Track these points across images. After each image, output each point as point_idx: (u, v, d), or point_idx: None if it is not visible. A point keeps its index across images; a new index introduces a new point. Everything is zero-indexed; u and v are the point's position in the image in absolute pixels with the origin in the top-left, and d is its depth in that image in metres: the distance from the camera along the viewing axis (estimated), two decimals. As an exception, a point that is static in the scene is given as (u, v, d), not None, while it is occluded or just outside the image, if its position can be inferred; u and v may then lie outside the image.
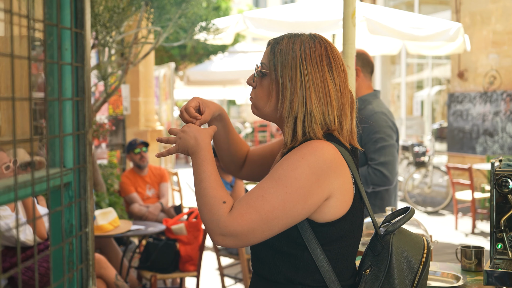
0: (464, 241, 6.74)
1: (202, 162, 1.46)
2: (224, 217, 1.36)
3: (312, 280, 1.45)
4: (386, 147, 3.11)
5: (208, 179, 1.43)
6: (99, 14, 4.06)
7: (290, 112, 1.47)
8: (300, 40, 1.50)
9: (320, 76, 1.47)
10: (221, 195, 1.40)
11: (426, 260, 1.50)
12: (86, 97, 1.06)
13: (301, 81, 1.46)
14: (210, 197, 1.40)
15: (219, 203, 1.38)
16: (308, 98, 1.45)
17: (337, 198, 1.44)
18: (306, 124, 1.46)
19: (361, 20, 5.33)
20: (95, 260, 3.86)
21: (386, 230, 1.51)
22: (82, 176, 1.07)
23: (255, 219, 1.36)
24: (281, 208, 1.37)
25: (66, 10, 1.01)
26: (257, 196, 1.38)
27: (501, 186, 2.13)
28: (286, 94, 1.47)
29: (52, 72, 1.00)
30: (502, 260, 2.14)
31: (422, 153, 9.04)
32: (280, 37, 1.54)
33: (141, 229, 4.36)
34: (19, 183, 0.85)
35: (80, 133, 1.06)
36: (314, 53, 1.48)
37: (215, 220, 1.37)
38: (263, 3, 27.08)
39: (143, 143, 5.48)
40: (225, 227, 1.36)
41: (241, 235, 1.36)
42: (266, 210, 1.37)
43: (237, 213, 1.37)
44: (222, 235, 1.37)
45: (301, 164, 1.39)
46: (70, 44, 1.02)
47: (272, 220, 1.37)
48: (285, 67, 1.48)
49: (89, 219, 1.08)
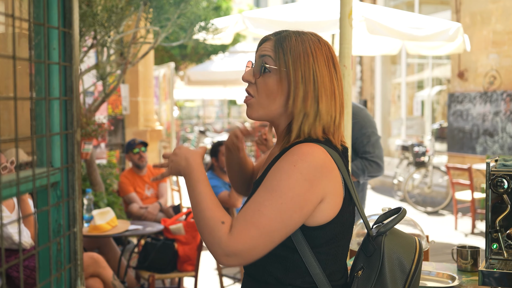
0: (463, 241, 6.73)
1: (196, 184, 1.44)
2: (224, 237, 1.35)
3: (302, 281, 1.45)
4: (377, 140, 3.56)
5: (204, 200, 1.41)
6: (98, 14, 4.06)
7: (303, 109, 1.46)
8: (307, 39, 1.50)
9: (328, 75, 1.48)
10: (219, 215, 1.39)
11: (418, 261, 1.49)
12: (74, 96, 1.05)
13: (314, 80, 1.46)
14: (208, 219, 1.39)
15: (218, 224, 1.37)
16: (320, 97, 1.46)
17: (328, 201, 1.43)
18: (316, 122, 1.46)
19: (360, 20, 5.33)
20: (93, 259, 3.88)
21: (378, 231, 1.50)
22: (71, 176, 1.07)
23: (255, 235, 1.35)
24: (278, 220, 1.36)
25: (53, 10, 1.01)
26: (254, 211, 1.37)
27: (497, 186, 2.12)
28: (298, 92, 1.46)
29: (39, 72, 1.00)
30: (498, 260, 2.13)
31: (422, 153, 9.04)
32: (284, 33, 1.51)
33: (139, 229, 4.36)
34: (3, 183, 0.84)
35: (68, 132, 1.05)
36: (322, 52, 1.49)
37: (216, 242, 1.36)
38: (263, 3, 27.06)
39: (142, 143, 5.48)
40: (227, 247, 1.35)
41: (244, 253, 1.35)
42: (264, 224, 1.35)
43: (236, 232, 1.36)
44: (226, 256, 1.36)
45: (293, 172, 1.38)
46: (57, 44, 1.02)
47: (272, 232, 1.36)
48: (298, 65, 1.46)
49: (77, 218, 1.07)
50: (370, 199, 9.67)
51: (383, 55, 10.95)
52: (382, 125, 11.85)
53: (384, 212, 1.58)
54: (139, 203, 5.32)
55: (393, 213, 1.55)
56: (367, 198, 4.03)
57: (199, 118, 26.00)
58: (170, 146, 9.55)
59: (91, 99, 5.50)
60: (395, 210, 1.56)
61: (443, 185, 9.48)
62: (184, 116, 25.90)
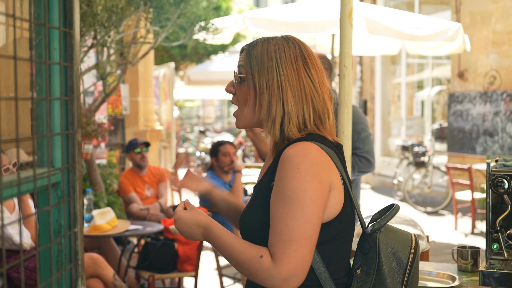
0: (463, 241, 6.73)
1: (221, 239, 1.45)
2: (272, 268, 1.36)
3: (307, 279, 1.46)
4: (368, 136, 3.54)
5: (235, 249, 1.43)
6: (98, 13, 4.06)
7: (269, 115, 1.48)
8: (274, 43, 1.51)
9: (295, 75, 1.48)
10: (254, 253, 1.40)
11: (414, 254, 1.51)
12: (75, 96, 1.05)
13: (278, 84, 1.47)
14: (248, 263, 1.40)
15: (258, 261, 1.38)
16: (285, 99, 1.47)
17: (333, 195, 1.45)
18: (285, 125, 1.48)
19: (360, 20, 5.33)
20: (93, 259, 3.88)
21: (373, 228, 1.53)
22: (71, 176, 1.07)
23: (297, 249, 1.36)
24: (309, 224, 1.38)
25: (54, 10, 1.01)
26: (283, 229, 1.38)
27: (497, 187, 2.12)
28: (263, 98, 1.48)
29: (40, 72, 1.00)
30: (498, 261, 2.13)
31: (422, 153, 9.04)
32: (254, 42, 1.55)
33: (139, 229, 4.36)
34: (4, 183, 0.84)
35: (69, 132, 1.05)
36: (289, 53, 1.49)
37: (268, 277, 1.37)
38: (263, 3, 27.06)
39: (144, 143, 5.49)
40: (279, 274, 1.36)
41: (296, 270, 1.36)
42: (299, 235, 1.37)
43: (279, 256, 1.37)
44: (284, 282, 1.36)
45: (300, 175, 1.39)
46: (58, 44, 1.02)
47: (309, 238, 1.38)
48: (262, 71, 1.48)
49: (78, 219, 1.07)
50: (370, 199, 9.67)
51: (383, 55, 10.94)
52: (382, 125, 11.85)
53: (378, 210, 1.59)
54: (139, 203, 5.32)
55: (386, 210, 1.57)
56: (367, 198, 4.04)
57: (199, 118, 26.00)
58: (170, 146, 9.55)
59: (91, 99, 5.50)
60: (389, 207, 1.57)
61: (443, 185, 9.48)
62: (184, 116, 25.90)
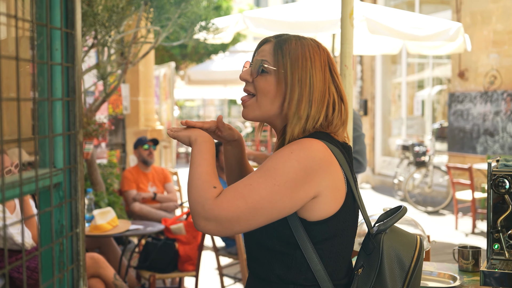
0: (464, 241, 6.73)
1: (206, 151, 1.47)
2: (210, 200, 1.36)
3: (304, 279, 1.46)
4: (359, 136, 3.48)
5: (207, 166, 1.43)
6: (98, 13, 4.06)
7: (297, 112, 1.49)
8: (307, 44, 1.53)
9: (323, 80, 1.51)
10: (214, 182, 1.41)
11: (418, 258, 1.49)
12: (77, 97, 1.05)
13: (310, 84, 1.49)
14: (202, 181, 1.40)
15: (209, 187, 1.39)
16: (313, 101, 1.49)
17: (327, 196, 1.44)
18: (307, 125, 1.49)
19: (361, 20, 5.33)
20: (94, 259, 3.88)
21: (378, 229, 1.52)
22: (73, 177, 1.07)
23: (241, 206, 1.36)
24: (268, 199, 1.37)
25: (56, 10, 1.01)
26: (246, 185, 1.39)
27: (498, 187, 2.12)
28: (293, 95, 1.49)
29: (42, 72, 1.00)
30: (499, 261, 2.13)
31: (423, 152, 9.04)
32: (284, 36, 1.55)
33: (140, 228, 4.36)
34: (7, 184, 0.84)
35: (71, 133, 1.05)
36: (320, 58, 1.52)
37: (201, 203, 1.36)
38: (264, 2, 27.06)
39: (152, 140, 5.57)
40: (210, 210, 1.35)
41: (224, 221, 1.36)
42: (253, 199, 1.37)
43: (223, 198, 1.37)
44: (206, 219, 1.36)
45: (290, 158, 1.41)
46: (60, 44, 1.02)
47: (258, 210, 1.37)
48: (296, 69, 1.50)
49: (80, 219, 1.07)
50: (371, 199, 9.67)
51: (384, 55, 10.94)
52: (382, 124, 11.85)
53: (385, 211, 1.59)
54: (138, 200, 5.36)
55: (394, 212, 1.56)
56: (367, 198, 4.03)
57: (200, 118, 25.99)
58: (170, 146, 9.55)
59: (91, 98, 5.50)
60: (396, 208, 1.57)
61: (443, 184, 9.48)
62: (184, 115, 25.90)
